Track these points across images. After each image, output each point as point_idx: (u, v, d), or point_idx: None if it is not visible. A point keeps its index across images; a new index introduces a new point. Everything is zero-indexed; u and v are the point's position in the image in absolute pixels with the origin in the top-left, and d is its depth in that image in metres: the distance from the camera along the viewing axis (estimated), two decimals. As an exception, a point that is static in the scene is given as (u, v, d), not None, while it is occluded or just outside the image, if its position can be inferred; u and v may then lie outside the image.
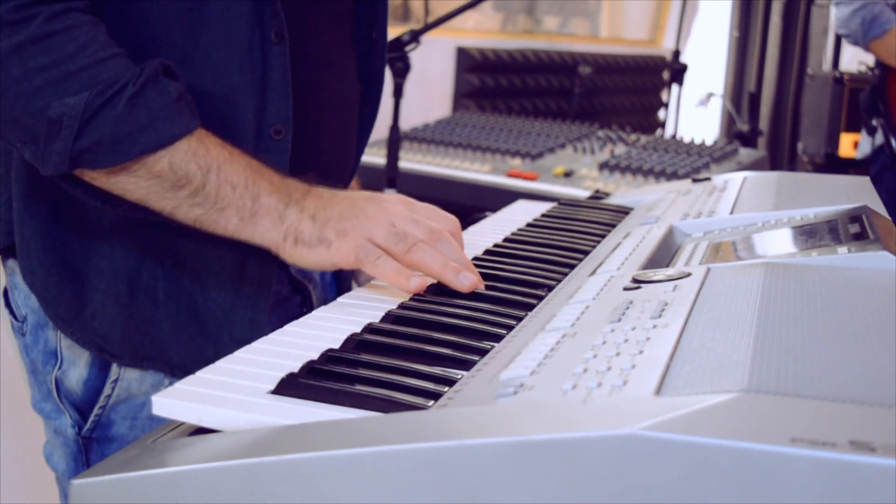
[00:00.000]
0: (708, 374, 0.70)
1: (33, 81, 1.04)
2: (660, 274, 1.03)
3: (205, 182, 1.10)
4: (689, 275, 1.01)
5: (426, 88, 4.12)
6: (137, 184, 1.10)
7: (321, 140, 1.33)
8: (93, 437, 1.26)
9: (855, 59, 4.12)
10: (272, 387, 0.81)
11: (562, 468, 0.61)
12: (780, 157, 5.18)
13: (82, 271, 1.21)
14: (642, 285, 1.00)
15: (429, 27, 2.70)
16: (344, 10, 1.36)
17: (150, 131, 1.07)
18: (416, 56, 2.78)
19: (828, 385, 0.68)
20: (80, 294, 1.21)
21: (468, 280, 1.08)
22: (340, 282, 1.46)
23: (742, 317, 0.84)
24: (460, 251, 1.12)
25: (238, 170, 1.12)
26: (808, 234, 1.17)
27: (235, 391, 0.80)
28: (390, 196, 1.16)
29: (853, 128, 4.36)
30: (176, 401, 0.78)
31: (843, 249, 1.07)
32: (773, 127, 5.34)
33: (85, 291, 1.21)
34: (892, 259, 1.02)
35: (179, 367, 1.21)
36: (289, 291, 1.33)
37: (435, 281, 1.11)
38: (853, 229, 1.15)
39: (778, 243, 1.17)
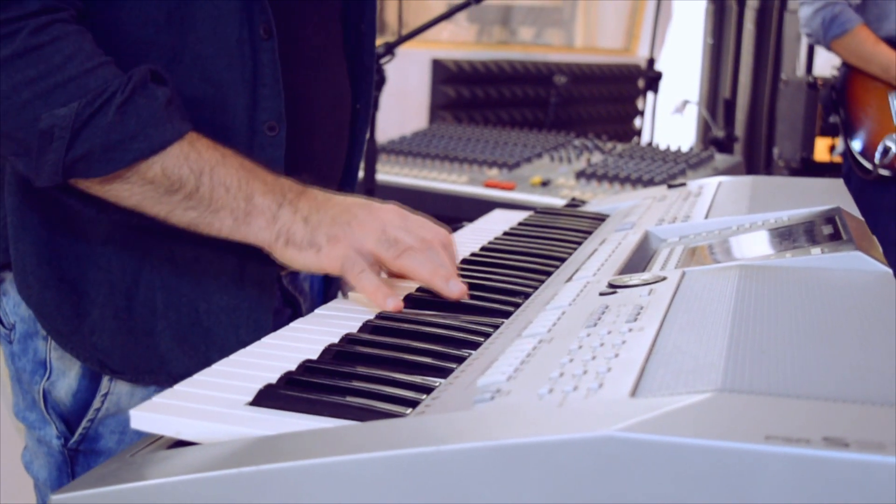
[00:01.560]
0: (683, 375, 0.71)
1: (22, 95, 1.05)
2: (635, 279, 1.04)
3: (198, 185, 1.10)
4: (664, 279, 1.01)
5: (402, 101, 4.13)
6: (132, 190, 1.10)
7: (314, 140, 1.33)
8: (79, 450, 1.25)
9: (829, 64, 4.15)
10: (250, 398, 0.81)
11: (539, 471, 0.61)
12: (756, 163, 5.21)
13: (79, 284, 1.20)
14: (618, 290, 1.01)
15: (404, 39, 2.71)
16: (334, 10, 1.37)
17: (141, 138, 1.08)
18: (392, 69, 2.79)
19: (801, 383, 0.69)
20: (78, 308, 1.20)
21: (457, 287, 1.08)
22: (327, 294, 1.46)
23: (717, 319, 0.85)
24: (448, 262, 1.13)
25: (231, 171, 1.12)
26: (783, 237, 1.18)
27: (213, 403, 0.80)
28: (385, 205, 1.16)
29: (828, 132, 4.39)
30: (154, 414, 0.78)
31: (816, 250, 1.07)
32: (748, 133, 5.37)
33: (83, 304, 1.20)
34: (865, 259, 1.03)
35: (185, 376, 1.20)
36: (281, 304, 1.33)
37: (413, 291, 1.11)
38: (826, 230, 1.16)
39: (752, 246, 1.18)
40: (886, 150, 3.22)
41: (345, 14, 1.40)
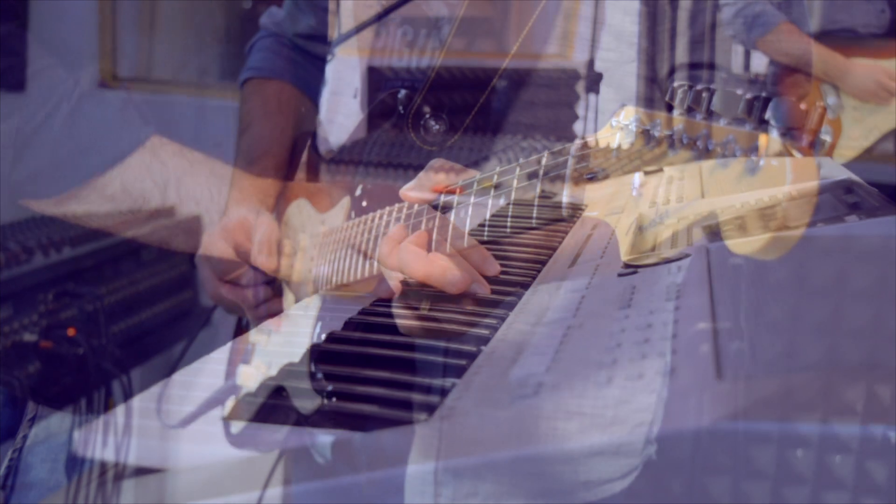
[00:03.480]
0: (772, 351, 0.57)
1: None
2: (653, 257, 0.91)
3: (164, 200, 0.97)
4: (688, 255, 0.88)
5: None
6: (90, 210, 0.97)
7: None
8: (8, 485, 1.09)
9: (766, 60, 4.09)
10: (225, 411, 0.66)
11: (642, 472, 0.47)
12: (699, 164, 5.15)
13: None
14: (639, 269, 0.87)
15: (343, 38, 2.57)
16: None
17: (94, 152, 0.95)
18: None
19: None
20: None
21: (456, 278, 0.91)
22: None
23: (779, 291, 0.71)
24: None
25: (200, 181, 0.99)
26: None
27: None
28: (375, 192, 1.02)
29: (771, 128, 4.33)
30: (104, 436, 0.63)
31: (851, 218, 0.95)
32: (688, 134, 5.31)
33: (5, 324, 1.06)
34: (916, 223, 0.91)
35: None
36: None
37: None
38: (850, 199, 1.05)
39: (772, 219, 1.06)
40: (822, 143, 3.16)
41: None
